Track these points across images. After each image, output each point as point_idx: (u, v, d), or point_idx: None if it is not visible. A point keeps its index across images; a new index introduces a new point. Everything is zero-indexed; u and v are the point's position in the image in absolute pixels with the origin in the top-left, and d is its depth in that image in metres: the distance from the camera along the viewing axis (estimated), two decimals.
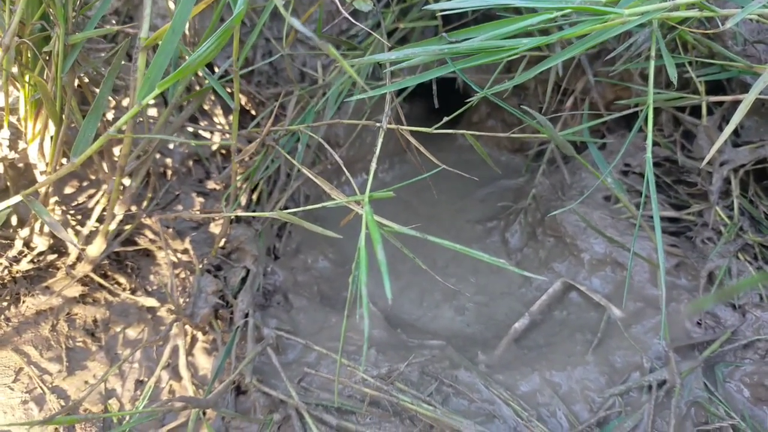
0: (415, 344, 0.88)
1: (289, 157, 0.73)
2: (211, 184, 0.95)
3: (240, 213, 0.70)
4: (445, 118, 0.77)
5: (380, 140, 0.69)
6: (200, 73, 0.95)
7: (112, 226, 0.76)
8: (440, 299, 1.00)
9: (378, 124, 0.72)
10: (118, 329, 0.82)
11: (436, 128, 0.76)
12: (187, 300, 0.81)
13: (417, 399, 0.75)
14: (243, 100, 1.02)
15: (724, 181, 0.90)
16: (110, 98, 0.83)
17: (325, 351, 0.81)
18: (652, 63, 0.73)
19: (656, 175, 0.99)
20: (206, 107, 0.98)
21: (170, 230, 0.83)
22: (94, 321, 0.81)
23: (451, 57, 0.67)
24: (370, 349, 0.83)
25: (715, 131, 0.91)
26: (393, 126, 0.75)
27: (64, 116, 0.69)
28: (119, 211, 0.75)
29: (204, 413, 0.77)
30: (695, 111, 0.96)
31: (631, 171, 1.00)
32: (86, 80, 0.78)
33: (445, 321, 0.97)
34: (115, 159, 0.82)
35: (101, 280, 0.80)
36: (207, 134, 0.96)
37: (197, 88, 0.91)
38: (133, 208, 0.81)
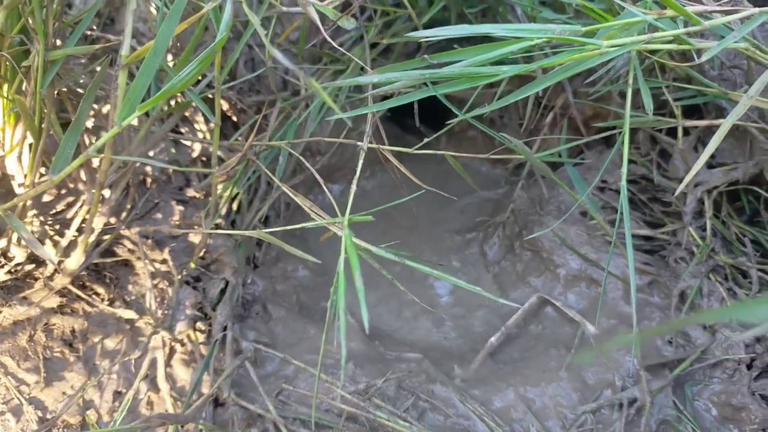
0: (392, 357, 0.89)
1: (268, 172, 0.73)
2: (191, 192, 0.95)
3: (219, 231, 0.70)
4: (426, 139, 0.77)
5: (361, 161, 0.69)
6: None
7: (92, 238, 0.76)
8: (418, 311, 1.01)
9: (359, 144, 0.72)
10: (96, 340, 0.82)
11: (417, 148, 0.77)
12: (166, 312, 0.81)
13: (393, 415, 0.76)
14: (224, 106, 1.02)
15: (698, 202, 0.92)
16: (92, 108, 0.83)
17: (303, 365, 0.82)
18: (629, 90, 0.75)
19: (632, 192, 1.01)
20: (187, 114, 0.98)
21: (149, 241, 0.83)
22: (72, 331, 0.81)
23: (432, 81, 0.67)
24: (347, 362, 0.84)
25: (690, 153, 0.93)
26: (373, 146, 0.75)
27: (43, 128, 0.68)
28: (99, 224, 0.75)
29: (182, 427, 0.77)
30: (672, 130, 0.98)
31: (607, 187, 1.02)
32: (64, 89, 0.77)
33: (422, 333, 0.98)
34: (95, 170, 0.81)
35: (79, 292, 0.80)
36: (188, 142, 0.96)
37: (179, 99, 0.90)
38: (112, 220, 0.81)
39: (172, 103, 0.87)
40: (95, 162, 0.82)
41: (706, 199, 0.92)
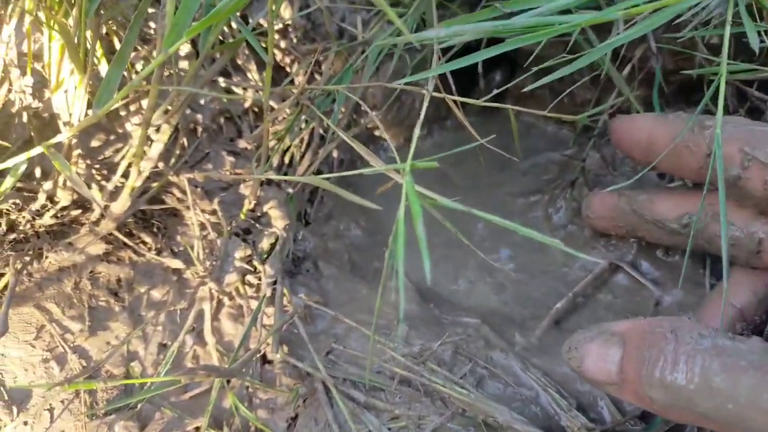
0: (448, 321, 0.84)
1: (324, 117, 0.68)
2: (242, 143, 0.91)
3: (270, 175, 0.66)
4: (495, 91, 0.72)
5: (425, 105, 0.63)
6: (234, 26, 0.90)
7: (138, 182, 0.72)
8: (476, 275, 0.95)
9: (423, 90, 0.66)
10: (142, 290, 0.79)
11: (484, 101, 0.71)
12: (214, 263, 0.77)
13: (449, 381, 0.71)
14: (278, 55, 0.97)
15: None
16: (139, 48, 0.79)
17: (355, 324, 0.77)
18: (728, 28, 0.66)
19: None
20: (240, 62, 0.94)
21: (198, 190, 0.80)
22: (118, 280, 0.78)
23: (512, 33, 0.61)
24: (400, 323, 0.79)
25: None
26: (439, 94, 0.69)
27: (88, 64, 0.65)
28: (145, 168, 0.72)
29: (228, 382, 0.74)
30: (763, 86, 0.89)
31: None
32: (114, 28, 0.74)
33: (480, 298, 0.92)
34: (143, 112, 0.78)
35: (126, 239, 0.77)
36: (240, 90, 0.92)
37: (231, 41, 0.86)
38: (161, 165, 0.77)
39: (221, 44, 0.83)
40: (144, 104, 0.79)
41: None
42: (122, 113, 0.75)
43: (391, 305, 0.83)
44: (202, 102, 0.89)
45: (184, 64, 0.88)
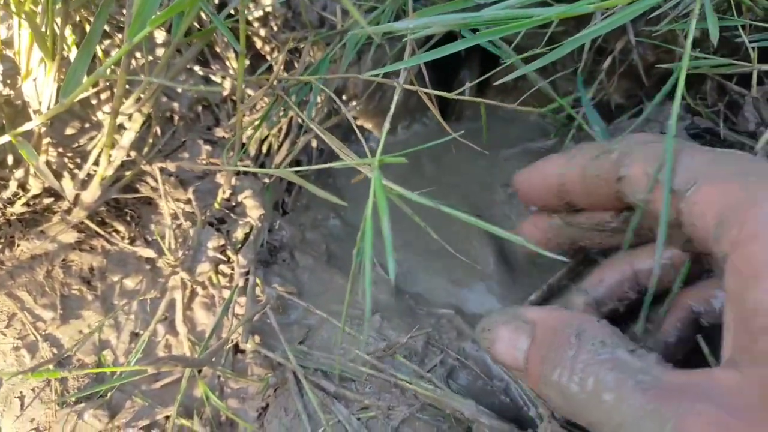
0: (423, 312, 0.84)
1: (297, 110, 0.68)
2: (219, 132, 0.90)
3: (243, 167, 0.65)
4: (467, 84, 0.71)
5: (396, 98, 0.63)
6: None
7: (109, 171, 0.72)
8: (457, 267, 0.95)
9: (395, 83, 0.66)
10: (115, 279, 0.79)
11: (456, 94, 0.71)
12: (187, 252, 0.77)
13: (417, 375, 0.71)
14: (258, 44, 0.97)
15: None
16: (114, 36, 0.79)
17: (326, 315, 0.77)
18: (693, 22, 0.66)
19: None
20: (218, 50, 0.93)
21: (173, 179, 0.79)
22: (90, 269, 0.78)
23: (474, 27, 0.60)
24: (374, 314, 0.80)
25: (764, 103, 0.83)
26: (410, 87, 0.69)
27: (57, 52, 0.64)
28: (117, 157, 0.71)
29: (199, 371, 0.74)
30: (743, 80, 0.89)
31: None
32: (87, 16, 0.73)
33: (457, 289, 0.92)
34: None
35: (98, 228, 0.77)
36: (218, 79, 0.91)
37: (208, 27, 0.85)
38: (133, 154, 0.77)
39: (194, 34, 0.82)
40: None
41: None
42: (93, 101, 0.74)
43: (364, 294, 0.83)
44: (179, 90, 0.89)
45: (160, 52, 0.88)
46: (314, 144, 0.99)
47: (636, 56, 0.94)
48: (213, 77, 0.91)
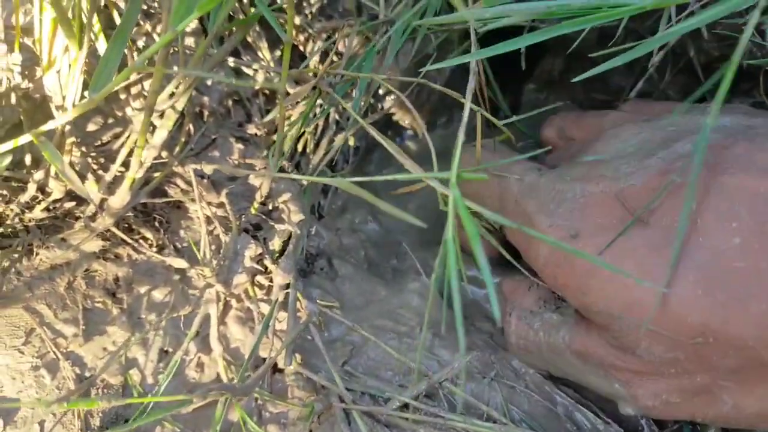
0: (475, 328, 0.77)
1: (348, 107, 0.61)
2: (252, 129, 0.83)
3: (283, 174, 0.58)
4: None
5: (466, 113, 0.56)
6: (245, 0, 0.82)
7: (139, 174, 0.65)
8: None
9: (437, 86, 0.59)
10: (142, 291, 0.72)
11: (504, 123, 0.63)
12: (222, 263, 0.70)
13: (469, 408, 0.65)
14: (294, 33, 0.89)
15: None
16: (141, 23, 0.71)
17: (373, 337, 0.70)
18: (756, 13, 0.59)
19: None
20: (249, 39, 0.86)
21: (205, 181, 0.72)
22: (116, 280, 0.71)
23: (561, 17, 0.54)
24: (425, 332, 0.73)
25: None
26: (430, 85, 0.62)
27: (84, 41, 0.57)
28: (148, 158, 0.64)
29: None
30: None
31: None
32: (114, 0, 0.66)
33: None
34: (145, 95, 0.70)
35: (124, 235, 0.70)
36: (250, 71, 0.84)
37: (241, 17, 0.78)
38: (164, 154, 0.70)
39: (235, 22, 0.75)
40: (147, 86, 0.71)
41: None
42: (122, 96, 0.68)
43: (412, 309, 0.76)
44: (209, 83, 0.81)
45: (190, 42, 0.81)
46: (350, 142, 0.92)
47: (693, 51, 0.87)
48: (245, 69, 0.84)
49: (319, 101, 0.81)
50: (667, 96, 0.98)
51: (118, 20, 0.67)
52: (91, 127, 0.73)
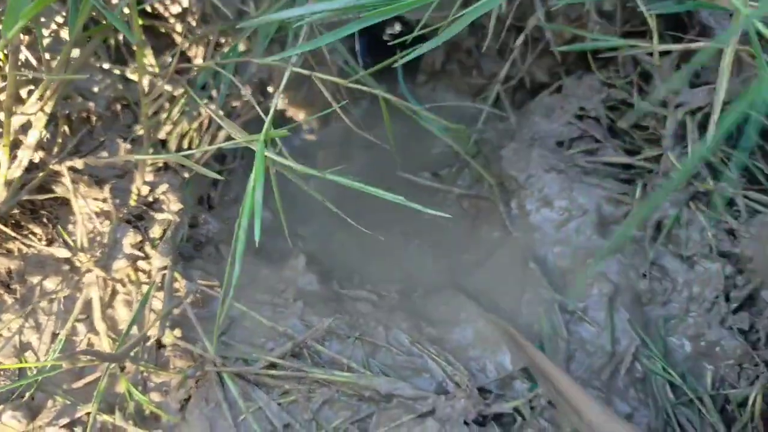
0: (349, 296, 0.85)
1: (194, 95, 0.68)
2: (140, 130, 0.90)
3: (142, 156, 0.65)
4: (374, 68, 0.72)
5: (285, 79, 0.64)
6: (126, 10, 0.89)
7: (17, 173, 0.72)
8: (383, 252, 0.96)
9: (287, 65, 0.67)
10: (35, 281, 0.78)
11: (352, 80, 0.71)
12: (103, 251, 0.77)
13: (331, 363, 0.72)
14: (177, 39, 0.97)
15: (679, 125, 0.85)
16: None
17: (246, 309, 0.77)
18: None
19: (611, 119, 0.93)
20: (135, 48, 0.93)
21: (86, 178, 0.79)
22: (9, 272, 0.78)
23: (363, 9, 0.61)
24: (297, 301, 0.80)
25: (671, 73, 0.85)
26: (299, 70, 0.69)
27: None
28: (23, 157, 0.71)
29: (122, 368, 0.74)
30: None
31: (586, 115, 0.94)
32: None
33: (384, 273, 0.93)
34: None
35: (12, 231, 0.76)
36: (135, 77, 0.91)
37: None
38: (41, 155, 0.77)
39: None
40: (24, 94, 0.78)
41: (689, 121, 0.85)
42: None
43: (290, 284, 0.84)
44: (95, 90, 0.88)
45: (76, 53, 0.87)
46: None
47: (549, 34, 0.95)
48: (130, 75, 0.90)
49: (204, 100, 0.89)
50: (533, 77, 1.06)
51: None
52: None
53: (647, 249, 0.81)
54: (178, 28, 0.94)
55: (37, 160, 0.77)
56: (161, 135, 0.90)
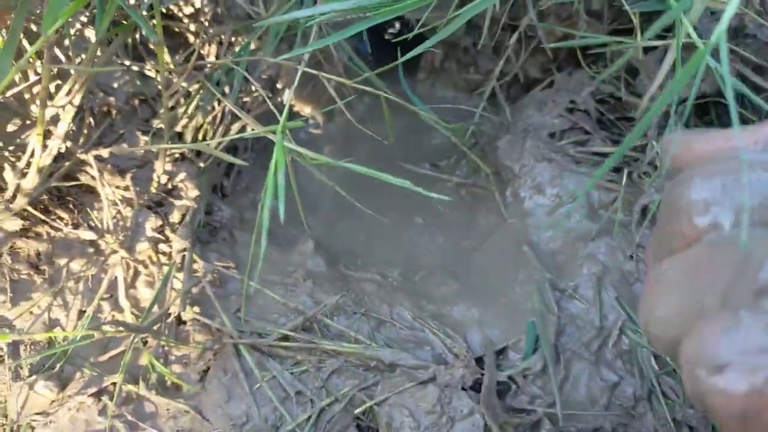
0: (355, 277, 0.90)
1: (213, 89, 0.74)
2: (157, 123, 0.96)
3: (164, 146, 0.71)
4: (379, 69, 0.77)
5: (297, 78, 0.69)
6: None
7: (47, 160, 0.77)
8: (388, 236, 1.01)
9: (297, 66, 0.73)
10: (62, 263, 0.84)
11: (358, 81, 0.76)
12: (126, 234, 0.83)
13: (340, 336, 0.78)
14: (191, 39, 1.03)
15: (663, 115, 0.91)
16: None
17: (259, 286, 0.83)
18: None
19: (600, 112, 0.99)
20: (153, 47, 0.99)
21: (110, 167, 0.85)
22: (38, 254, 0.83)
23: (369, 9, 0.66)
24: (306, 281, 0.86)
25: (656, 66, 0.91)
26: (313, 71, 0.75)
27: None
28: (52, 146, 0.77)
29: (145, 343, 0.80)
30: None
31: (576, 108, 1.00)
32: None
33: (388, 256, 0.99)
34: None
35: (42, 215, 0.82)
36: (153, 73, 0.97)
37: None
38: (69, 145, 0.83)
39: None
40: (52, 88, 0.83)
41: (672, 112, 0.90)
42: (26, 96, 0.80)
43: (299, 266, 0.89)
44: (115, 85, 0.94)
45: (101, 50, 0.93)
46: (249, 129, 1.05)
47: (541, 32, 1.01)
48: (148, 72, 0.96)
49: (216, 95, 0.94)
50: (527, 73, 1.12)
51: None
52: (11, 128, 0.85)
53: (634, 232, 0.86)
54: (192, 27, 1.00)
55: (63, 150, 0.83)
56: (178, 128, 0.96)
